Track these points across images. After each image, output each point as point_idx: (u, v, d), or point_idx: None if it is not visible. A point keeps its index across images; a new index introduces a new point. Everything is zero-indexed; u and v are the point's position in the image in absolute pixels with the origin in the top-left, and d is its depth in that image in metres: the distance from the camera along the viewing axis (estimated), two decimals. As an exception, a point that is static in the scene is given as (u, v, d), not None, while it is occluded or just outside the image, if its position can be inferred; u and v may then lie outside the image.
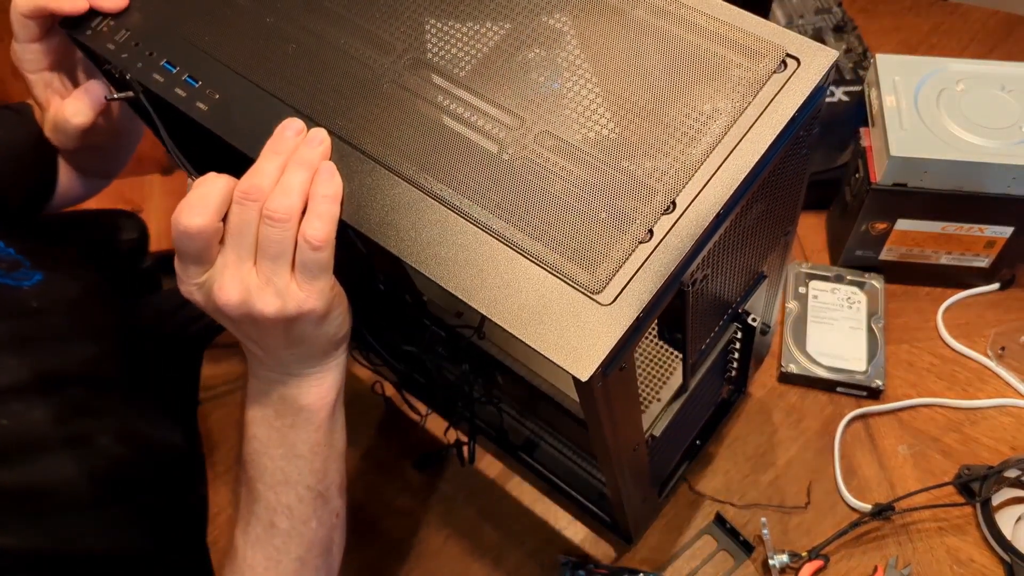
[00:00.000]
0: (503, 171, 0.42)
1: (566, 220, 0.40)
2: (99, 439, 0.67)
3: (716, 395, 0.72)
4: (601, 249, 0.39)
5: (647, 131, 0.42)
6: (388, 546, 0.73)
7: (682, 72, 0.43)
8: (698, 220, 0.39)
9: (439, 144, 0.44)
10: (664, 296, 0.39)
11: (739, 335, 0.61)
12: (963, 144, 0.76)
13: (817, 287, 0.87)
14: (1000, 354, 0.83)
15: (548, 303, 0.39)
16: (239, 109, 0.47)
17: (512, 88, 0.45)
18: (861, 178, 0.81)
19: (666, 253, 0.39)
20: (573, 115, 0.43)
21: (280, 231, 0.43)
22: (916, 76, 0.82)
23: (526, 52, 0.46)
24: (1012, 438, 0.78)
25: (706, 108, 0.42)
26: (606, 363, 0.37)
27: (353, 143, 0.45)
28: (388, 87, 0.46)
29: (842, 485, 0.75)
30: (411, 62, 0.47)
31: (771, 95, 0.42)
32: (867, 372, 0.81)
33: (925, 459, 0.77)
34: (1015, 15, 1.12)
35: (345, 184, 0.44)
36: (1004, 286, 0.88)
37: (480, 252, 0.40)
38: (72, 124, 0.58)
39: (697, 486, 0.76)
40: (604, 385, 0.39)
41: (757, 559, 0.72)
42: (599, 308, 0.38)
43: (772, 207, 0.50)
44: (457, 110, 0.45)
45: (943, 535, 0.73)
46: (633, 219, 0.40)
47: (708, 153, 0.41)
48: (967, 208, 0.79)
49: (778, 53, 0.42)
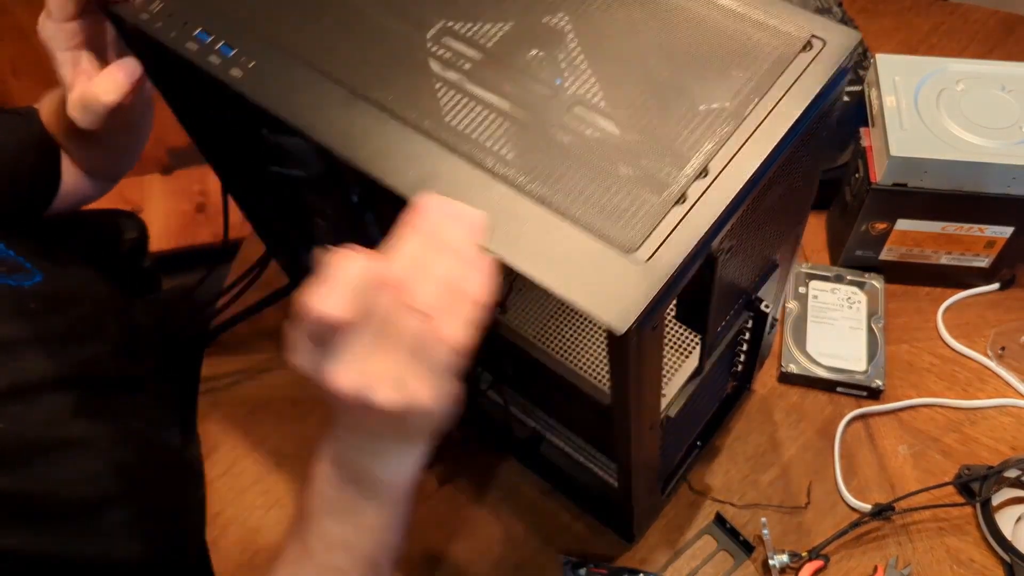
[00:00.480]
0: (539, 138, 0.43)
1: (601, 184, 0.41)
2: (98, 442, 0.67)
3: (722, 390, 0.73)
4: (636, 211, 0.40)
5: (679, 102, 0.43)
6: (388, 546, 0.74)
7: (713, 49, 0.45)
8: (730, 185, 0.41)
9: (471, 111, 0.45)
10: (697, 258, 0.40)
11: (749, 325, 0.62)
12: (963, 144, 0.76)
13: (817, 287, 0.87)
14: (1000, 354, 0.83)
15: (585, 260, 0.39)
16: (274, 76, 0.47)
17: (545, 59, 0.46)
18: (861, 178, 0.81)
19: (700, 216, 0.40)
20: (606, 85, 0.45)
21: (422, 325, 0.39)
22: (916, 76, 0.82)
23: (558, 24, 0.47)
24: (1012, 438, 0.78)
25: (736, 83, 0.43)
26: (642, 318, 0.38)
27: (390, 110, 0.45)
28: (423, 58, 0.47)
29: (842, 485, 0.75)
30: (443, 32, 0.48)
31: (798, 72, 0.43)
32: (867, 372, 0.81)
33: (925, 459, 0.77)
34: (1015, 15, 1.12)
35: (386, 155, 0.44)
36: (1004, 286, 0.88)
37: (517, 213, 0.41)
38: (102, 102, 0.57)
39: (697, 486, 0.76)
40: (638, 342, 0.39)
41: (757, 559, 0.72)
42: (635, 265, 0.39)
43: (791, 191, 0.51)
44: (491, 79, 0.46)
45: (943, 535, 0.73)
46: (667, 184, 0.41)
47: (738, 124, 0.42)
48: (967, 208, 0.79)
49: (804, 33, 0.44)
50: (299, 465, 0.80)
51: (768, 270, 0.58)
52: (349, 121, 0.45)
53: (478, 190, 0.42)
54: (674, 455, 0.71)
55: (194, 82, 0.51)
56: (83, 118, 0.59)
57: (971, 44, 1.09)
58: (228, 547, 0.75)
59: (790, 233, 0.58)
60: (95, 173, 0.75)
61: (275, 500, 0.78)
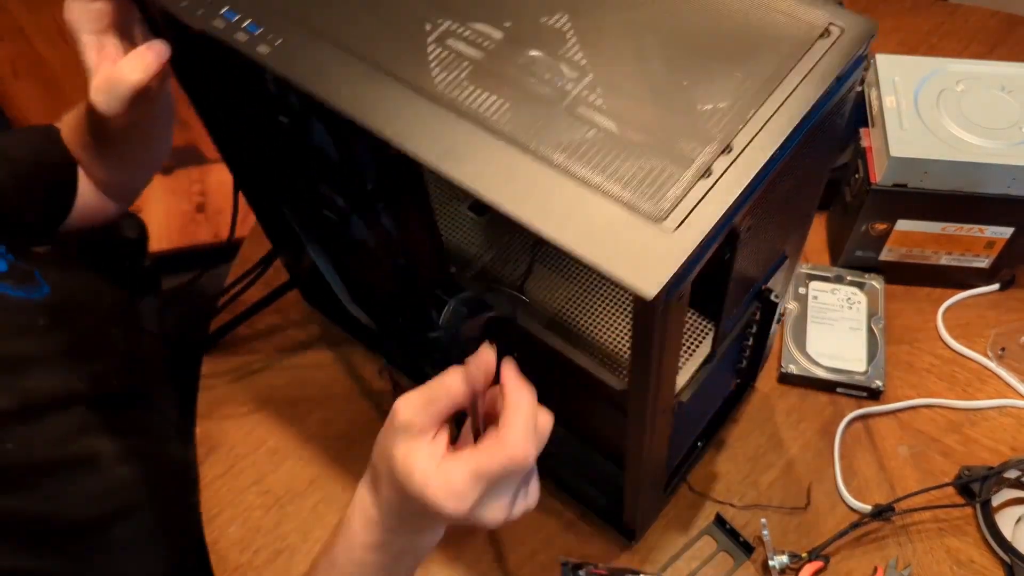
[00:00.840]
0: (565, 115, 0.44)
1: (628, 158, 0.42)
2: (104, 460, 0.67)
3: (728, 385, 0.73)
4: (663, 183, 0.41)
5: (703, 81, 0.45)
6: (388, 547, 0.73)
7: (734, 33, 0.47)
8: (753, 161, 0.42)
9: (501, 89, 0.46)
10: (722, 229, 0.41)
11: (757, 317, 0.62)
12: (963, 144, 0.76)
13: (817, 287, 0.87)
14: (1000, 355, 0.83)
15: (613, 229, 0.40)
16: (301, 53, 0.48)
17: (573, 39, 0.47)
18: (861, 178, 0.81)
19: (724, 189, 0.41)
20: (631, 64, 0.46)
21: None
22: (916, 76, 0.82)
23: (584, 3, 0.49)
24: (1012, 439, 0.78)
25: (758, 65, 0.45)
26: (670, 285, 0.38)
27: (417, 87, 0.46)
28: (452, 41, 0.48)
29: (842, 486, 0.75)
30: (469, 12, 0.49)
31: (817, 57, 0.45)
32: (867, 373, 0.81)
33: (925, 460, 0.77)
34: (1015, 15, 1.12)
35: (413, 129, 0.45)
36: (1004, 287, 0.88)
37: (545, 185, 0.42)
38: (128, 81, 0.56)
39: (697, 487, 0.76)
40: (664, 310, 0.40)
41: (757, 560, 0.72)
42: (663, 234, 0.40)
43: (803, 179, 0.53)
44: (519, 59, 0.47)
45: (943, 536, 0.73)
46: (693, 158, 0.42)
47: (760, 104, 0.43)
48: (967, 209, 0.79)
49: (822, 21, 0.46)
50: (299, 466, 0.80)
51: (778, 261, 0.60)
52: (377, 95, 0.46)
53: (507, 163, 0.43)
54: (680, 447, 0.71)
55: (218, 64, 0.51)
56: (106, 102, 0.57)
57: (971, 44, 1.09)
58: (227, 547, 0.75)
59: (799, 225, 0.60)
60: (111, 190, 0.75)
61: (275, 500, 0.78)
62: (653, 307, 0.39)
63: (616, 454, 0.70)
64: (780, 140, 0.42)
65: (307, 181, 0.61)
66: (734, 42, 0.46)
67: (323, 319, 0.89)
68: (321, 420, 0.82)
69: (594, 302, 0.64)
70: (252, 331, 0.88)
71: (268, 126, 0.57)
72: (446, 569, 0.72)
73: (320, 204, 0.62)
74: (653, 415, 0.51)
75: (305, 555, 0.70)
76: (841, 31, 0.45)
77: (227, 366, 0.86)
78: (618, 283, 0.38)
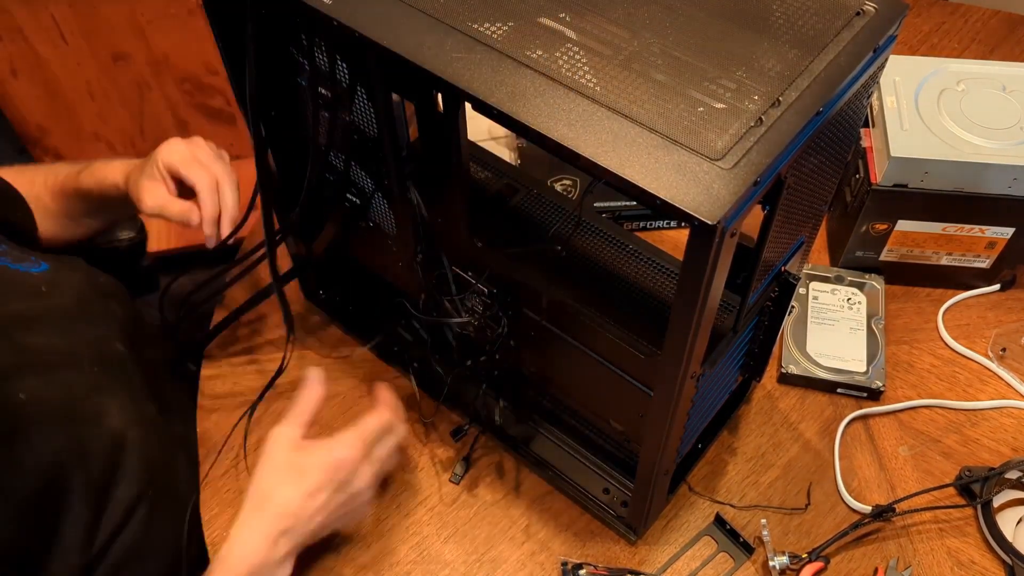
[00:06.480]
0: (624, 68, 0.49)
1: (687, 108, 0.47)
2: (112, 420, 0.68)
3: (734, 379, 0.72)
4: (720, 129, 0.45)
5: (753, 46, 0.50)
6: (387, 547, 0.73)
7: (782, 11, 0.52)
8: (800, 114, 0.46)
9: (561, 45, 0.50)
10: (772, 173, 0.44)
11: (771, 306, 0.63)
12: (964, 145, 0.76)
13: (817, 288, 0.87)
14: (1001, 355, 0.83)
15: (674, 166, 0.44)
16: (362, 3, 0.52)
17: (629, 10, 0.52)
18: (861, 179, 0.81)
19: (775, 136, 0.45)
20: (686, 31, 0.51)
21: None
22: (916, 76, 0.82)
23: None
24: (1013, 439, 0.78)
25: (801, 36, 0.50)
26: (728, 216, 0.41)
27: (487, 43, 0.50)
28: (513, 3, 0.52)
29: (842, 486, 0.75)
30: None
31: (854, 32, 0.51)
32: (867, 373, 0.80)
33: (925, 460, 0.77)
34: (1015, 15, 1.12)
35: (476, 74, 0.48)
36: (1005, 287, 0.88)
37: (610, 128, 0.46)
38: (141, 205, 0.75)
39: (697, 487, 0.76)
40: (719, 244, 0.43)
41: (757, 560, 0.72)
42: (721, 171, 0.43)
43: (830, 156, 0.57)
44: (580, 24, 0.51)
45: (944, 536, 0.73)
46: (745, 109, 0.46)
47: (804, 68, 0.48)
48: (968, 209, 0.79)
49: (856, 1, 0.52)
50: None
51: (796, 244, 0.63)
52: (439, 43, 0.50)
53: (570, 107, 0.46)
54: (691, 436, 0.71)
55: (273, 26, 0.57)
56: (110, 192, 0.79)
57: (972, 44, 1.09)
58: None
59: (818, 208, 0.63)
60: (69, 228, 0.86)
61: (274, 501, 0.77)
62: (711, 234, 0.41)
63: (628, 443, 0.70)
64: (822, 101, 0.47)
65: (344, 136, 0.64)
66: (781, 16, 0.52)
67: (323, 317, 0.89)
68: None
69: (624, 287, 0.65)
70: (251, 330, 0.88)
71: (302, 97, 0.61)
72: (447, 569, 0.72)
73: (344, 181, 0.66)
74: (683, 378, 0.53)
75: (304, 555, 0.70)
76: (875, 10, 0.52)
77: (226, 366, 0.86)
78: (681, 213, 0.41)
